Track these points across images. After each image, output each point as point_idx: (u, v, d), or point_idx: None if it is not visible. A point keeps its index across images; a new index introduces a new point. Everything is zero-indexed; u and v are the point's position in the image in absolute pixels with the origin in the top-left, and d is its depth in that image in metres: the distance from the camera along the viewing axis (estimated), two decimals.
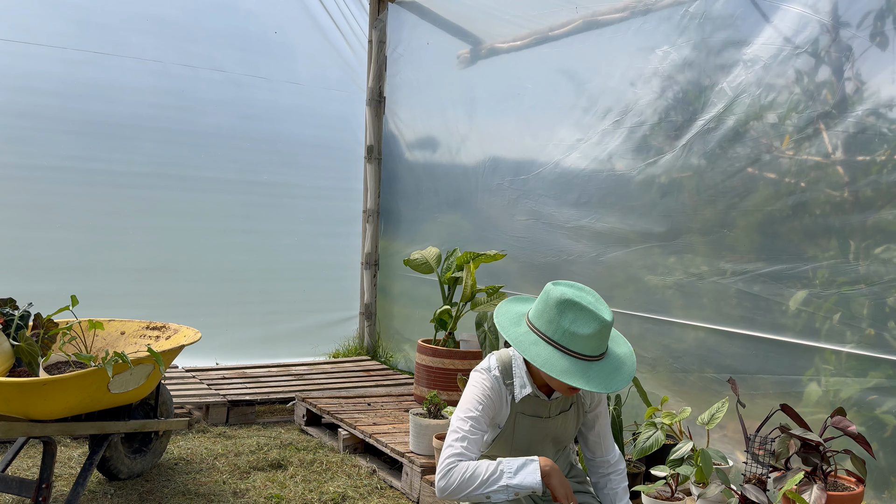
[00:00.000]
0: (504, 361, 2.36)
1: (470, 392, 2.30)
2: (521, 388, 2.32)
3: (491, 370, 2.34)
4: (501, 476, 2.13)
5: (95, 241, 5.27)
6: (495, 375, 2.32)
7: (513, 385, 2.33)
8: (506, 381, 2.33)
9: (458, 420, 2.25)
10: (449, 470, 2.16)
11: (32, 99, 5.03)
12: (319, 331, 6.25)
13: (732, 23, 3.56)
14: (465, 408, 2.27)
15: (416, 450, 3.65)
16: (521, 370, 2.33)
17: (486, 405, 2.27)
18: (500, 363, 2.36)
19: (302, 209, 6.13)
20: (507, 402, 2.33)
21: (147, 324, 3.74)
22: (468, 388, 2.32)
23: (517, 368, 2.34)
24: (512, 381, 2.33)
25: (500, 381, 2.32)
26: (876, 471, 2.94)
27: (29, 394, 2.79)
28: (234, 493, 3.51)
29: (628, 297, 4.05)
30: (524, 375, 2.32)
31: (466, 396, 2.30)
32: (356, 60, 6.35)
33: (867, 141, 3.03)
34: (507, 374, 2.34)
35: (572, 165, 4.44)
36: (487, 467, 2.15)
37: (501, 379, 2.33)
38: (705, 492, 2.82)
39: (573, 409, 2.46)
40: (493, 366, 2.35)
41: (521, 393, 2.32)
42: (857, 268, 3.05)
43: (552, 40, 4.68)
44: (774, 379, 3.34)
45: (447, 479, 2.16)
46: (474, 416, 2.24)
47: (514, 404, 2.34)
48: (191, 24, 5.58)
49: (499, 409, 2.32)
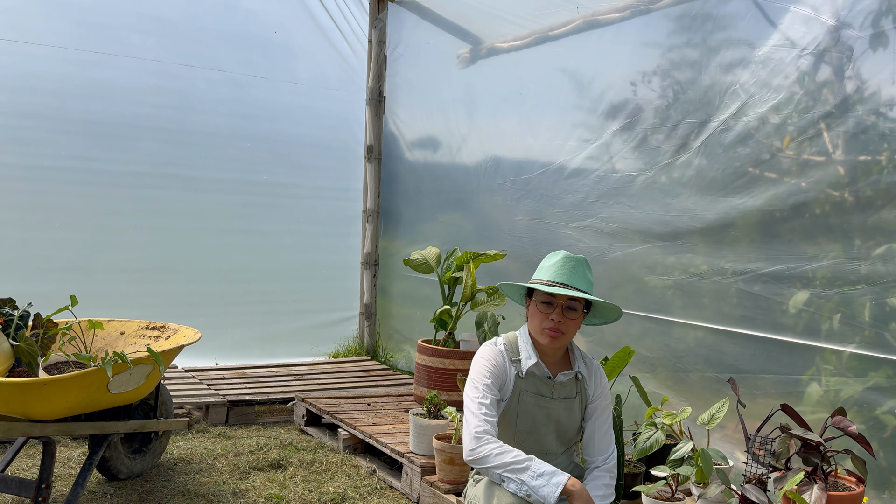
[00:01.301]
0: (510, 339, 2.58)
1: (477, 364, 2.50)
2: (528, 359, 2.50)
3: (497, 345, 2.54)
4: (526, 471, 2.23)
5: (95, 241, 5.27)
6: (500, 350, 2.53)
7: (519, 362, 2.51)
8: (511, 357, 2.52)
9: (471, 388, 2.44)
10: (481, 438, 2.31)
11: (32, 99, 5.03)
12: (319, 331, 6.24)
13: (733, 23, 3.55)
14: (475, 377, 2.45)
15: (416, 450, 3.64)
16: (526, 344, 2.53)
17: (494, 373, 2.47)
18: (507, 339, 2.58)
19: (302, 209, 6.13)
20: (511, 377, 2.49)
21: (147, 324, 3.74)
22: (476, 360, 2.52)
23: (523, 343, 2.54)
24: (518, 358, 2.51)
25: (505, 356, 2.52)
26: (876, 471, 2.94)
27: (28, 394, 2.79)
28: (234, 493, 3.51)
29: (629, 297, 4.04)
30: (530, 348, 2.51)
31: (475, 368, 2.49)
32: (356, 60, 6.34)
33: (868, 141, 3.02)
34: (514, 351, 2.54)
35: (573, 165, 4.44)
36: (517, 456, 2.27)
37: (506, 354, 2.52)
38: (705, 492, 2.82)
39: (578, 399, 2.56)
40: (500, 342, 2.56)
41: (527, 364, 2.49)
42: (857, 268, 3.05)
43: (553, 40, 4.68)
44: (775, 379, 3.34)
45: (477, 444, 2.30)
46: (486, 382, 2.44)
47: (518, 381, 2.49)
48: (191, 24, 5.58)
49: (504, 382, 2.49)
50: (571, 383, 2.54)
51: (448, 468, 3.32)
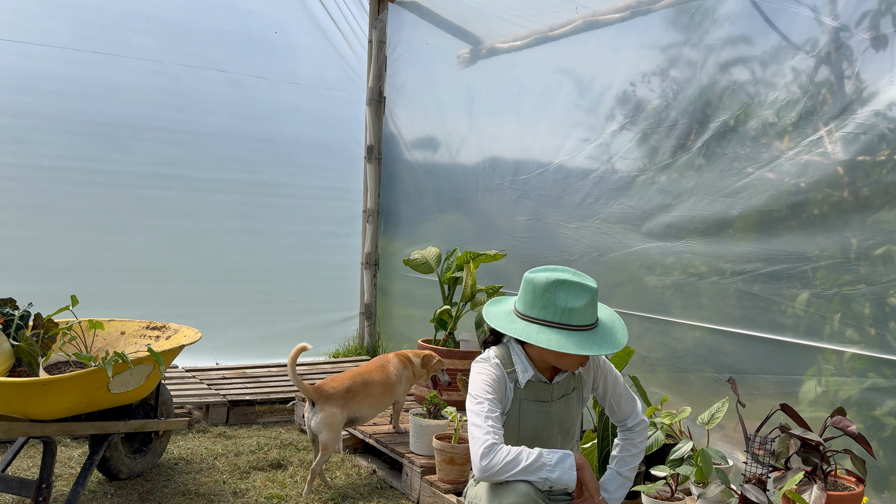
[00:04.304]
0: (501, 351, 2.47)
1: (476, 379, 2.38)
2: (524, 372, 2.42)
3: (490, 360, 2.44)
4: (542, 468, 2.21)
5: (95, 241, 5.28)
6: (496, 363, 2.42)
7: (514, 372, 2.43)
8: (507, 368, 2.43)
9: (474, 404, 2.32)
10: (490, 451, 2.22)
11: (32, 99, 5.03)
12: (319, 331, 6.24)
13: (733, 22, 3.56)
14: (477, 393, 2.35)
15: (415, 450, 3.65)
16: (520, 356, 2.44)
17: (495, 388, 2.36)
18: (498, 353, 2.46)
19: (302, 209, 6.13)
20: (510, 388, 2.43)
21: (147, 324, 3.74)
22: (473, 377, 2.41)
23: (516, 356, 2.44)
24: (513, 369, 2.43)
25: (502, 369, 2.41)
26: (876, 470, 2.94)
27: (29, 394, 2.79)
28: (234, 493, 3.51)
29: (628, 297, 4.05)
30: (525, 361, 2.43)
31: (475, 383, 2.38)
32: (356, 60, 6.35)
33: (867, 141, 3.03)
34: (507, 363, 2.44)
35: (572, 165, 4.44)
36: (528, 455, 2.22)
37: (502, 367, 2.42)
38: (705, 492, 2.82)
39: (575, 393, 2.55)
40: (492, 356, 2.45)
41: (524, 377, 2.42)
42: (857, 268, 3.05)
43: (552, 40, 4.68)
44: (774, 379, 3.34)
45: (489, 460, 2.21)
46: (490, 397, 2.33)
47: (517, 391, 2.43)
48: (191, 24, 5.58)
49: (503, 395, 2.41)
50: (568, 379, 2.54)
51: (448, 468, 3.32)
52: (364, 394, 3.61)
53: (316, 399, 3.50)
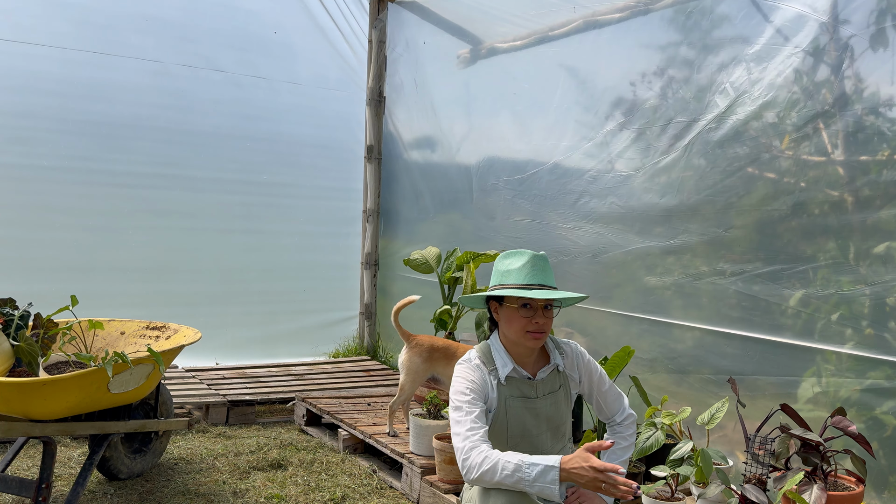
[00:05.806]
0: (483, 349, 2.54)
1: (454, 383, 2.46)
2: (503, 367, 2.48)
3: (472, 360, 2.50)
4: (520, 482, 2.19)
5: (95, 241, 5.28)
6: (476, 364, 2.49)
7: (496, 370, 2.48)
8: (488, 367, 2.49)
9: (452, 410, 2.39)
10: (467, 460, 2.26)
11: (32, 99, 5.03)
12: (319, 331, 6.25)
13: (732, 22, 3.56)
14: (455, 397, 2.41)
15: (415, 450, 3.65)
16: (499, 352, 2.51)
17: (474, 388, 2.42)
18: (480, 352, 2.53)
19: (302, 209, 6.13)
20: (493, 386, 2.47)
21: (147, 324, 3.74)
22: (453, 380, 2.48)
23: (496, 351, 2.52)
24: (495, 367, 2.49)
25: (483, 368, 2.48)
26: (876, 470, 2.94)
27: (29, 394, 2.79)
28: (234, 493, 3.51)
29: (627, 298, 4.05)
30: (504, 355, 2.50)
31: (453, 388, 2.46)
32: (356, 60, 6.35)
33: (866, 140, 3.03)
34: (489, 361, 2.50)
35: (571, 165, 4.44)
36: (504, 467, 2.20)
37: (483, 366, 2.49)
38: (705, 492, 2.82)
39: (562, 391, 2.57)
40: (473, 356, 2.52)
41: (504, 371, 2.48)
42: (856, 268, 3.05)
43: (552, 40, 4.68)
44: (774, 379, 3.34)
45: (466, 470, 2.26)
46: (468, 398, 2.39)
47: (501, 388, 2.47)
48: (191, 24, 5.58)
49: (486, 394, 2.46)
50: (553, 376, 2.55)
51: (448, 468, 3.33)
52: (445, 362, 3.85)
53: (406, 342, 3.96)
